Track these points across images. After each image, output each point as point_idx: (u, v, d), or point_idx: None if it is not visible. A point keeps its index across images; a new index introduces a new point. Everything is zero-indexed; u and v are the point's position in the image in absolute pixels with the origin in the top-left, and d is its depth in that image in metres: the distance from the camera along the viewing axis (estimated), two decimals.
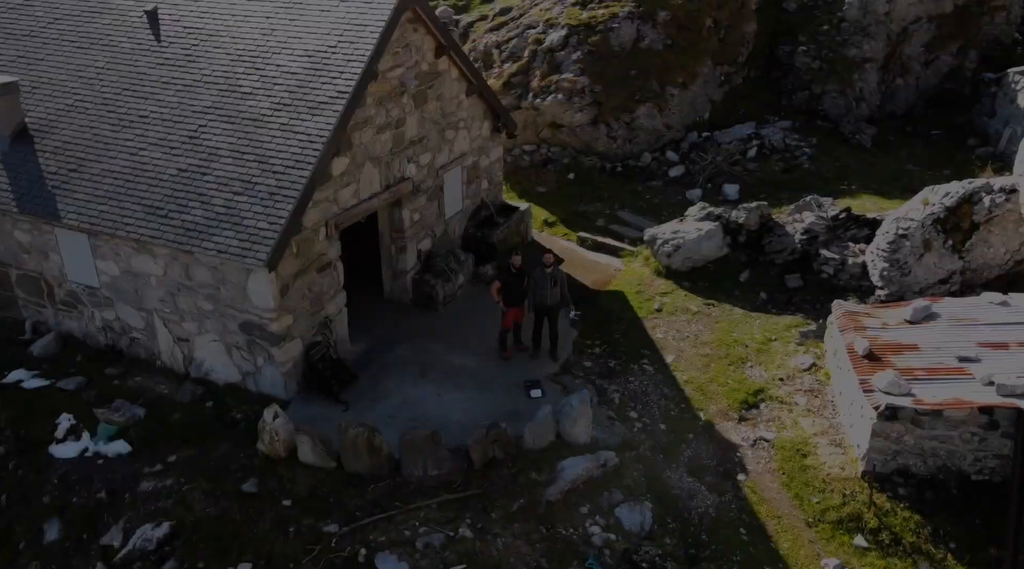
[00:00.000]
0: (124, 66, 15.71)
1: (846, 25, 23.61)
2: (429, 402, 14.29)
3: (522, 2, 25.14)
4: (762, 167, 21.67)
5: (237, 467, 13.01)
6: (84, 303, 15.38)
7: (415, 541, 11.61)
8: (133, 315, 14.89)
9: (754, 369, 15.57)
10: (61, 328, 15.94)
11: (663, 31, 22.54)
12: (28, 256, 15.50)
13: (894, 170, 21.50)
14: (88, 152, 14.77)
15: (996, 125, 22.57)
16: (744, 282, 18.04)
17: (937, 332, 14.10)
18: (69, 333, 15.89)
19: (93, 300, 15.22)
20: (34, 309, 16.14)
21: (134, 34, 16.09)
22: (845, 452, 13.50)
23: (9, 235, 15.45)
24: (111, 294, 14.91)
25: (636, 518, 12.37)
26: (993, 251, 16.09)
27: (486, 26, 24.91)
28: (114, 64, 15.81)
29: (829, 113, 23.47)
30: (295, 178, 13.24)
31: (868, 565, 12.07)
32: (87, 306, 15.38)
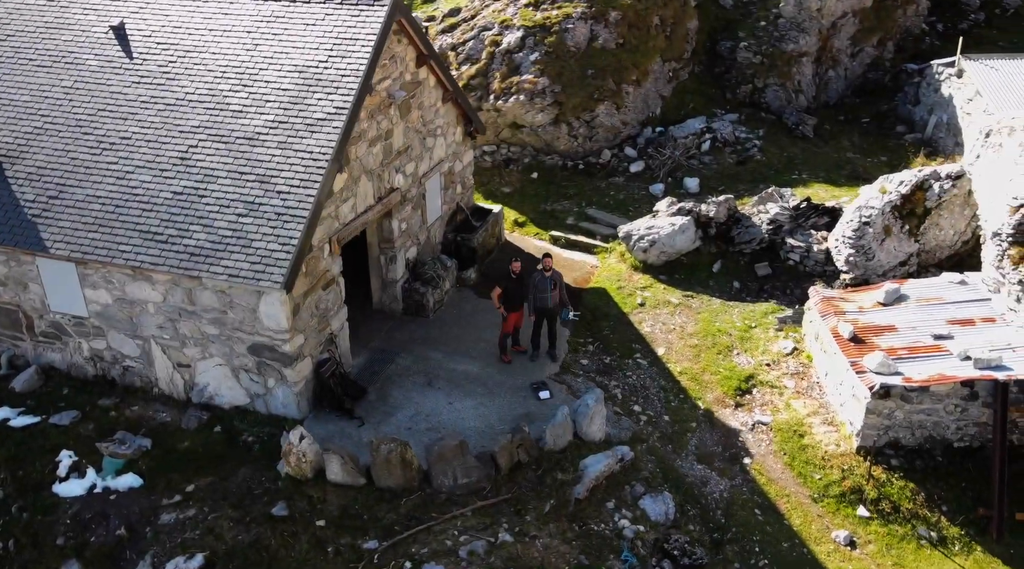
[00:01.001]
0: (95, 85, 15.11)
1: (782, 21, 24.84)
2: (442, 411, 14.49)
3: (471, 2, 25.26)
4: (716, 160, 22.64)
5: (261, 491, 12.92)
6: (69, 334, 14.81)
7: (458, 550, 11.87)
8: (127, 343, 14.45)
9: (741, 356, 16.44)
10: (41, 361, 15.30)
11: (615, 30, 23.15)
12: (3, 288, 14.79)
13: (836, 158, 22.85)
14: (68, 177, 14.20)
15: (921, 112, 24.25)
16: (717, 273, 18.92)
17: (909, 313, 15.28)
18: (50, 365, 15.28)
19: (80, 330, 14.67)
20: (9, 343, 15.42)
21: (101, 51, 15.48)
22: (838, 430, 14.50)
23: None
24: (102, 323, 14.42)
25: (660, 508, 12.99)
26: (944, 233, 17.46)
27: (437, 28, 24.91)
28: (83, 83, 15.18)
29: (771, 105, 24.67)
30: (302, 197, 13.15)
31: (872, 533, 13.10)
32: (73, 337, 14.81)
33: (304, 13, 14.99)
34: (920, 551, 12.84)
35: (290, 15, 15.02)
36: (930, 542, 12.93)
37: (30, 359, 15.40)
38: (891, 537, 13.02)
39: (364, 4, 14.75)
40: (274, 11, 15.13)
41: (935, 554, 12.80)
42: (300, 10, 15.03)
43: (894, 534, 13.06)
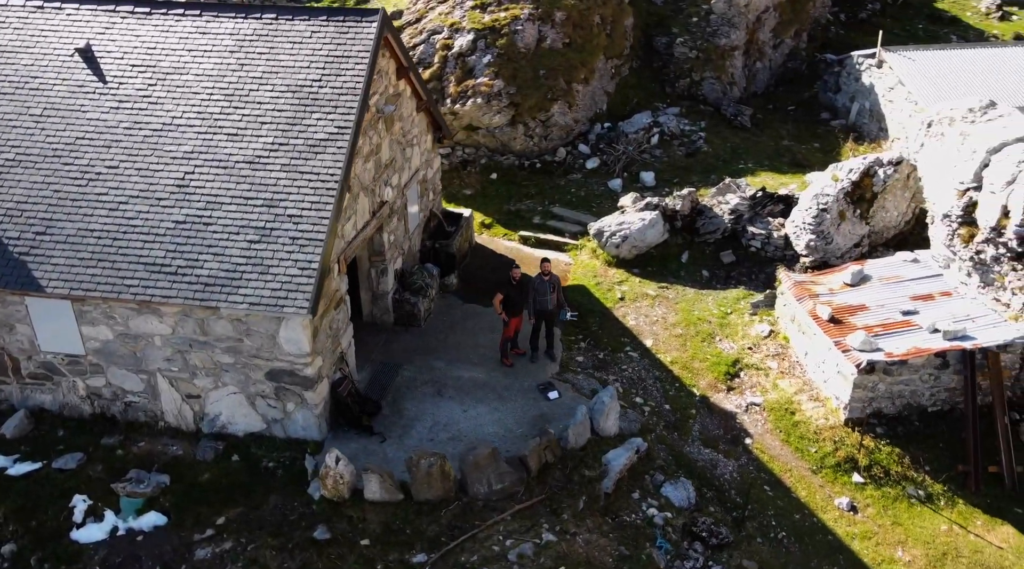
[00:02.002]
0: (68, 111, 14.45)
1: (714, 17, 26.06)
2: (459, 419, 14.79)
3: (413, 5, 25.25)
4: (666, 153, 23.66)
5: (296, 517, 12.92)
6: (62, 373, 14.21)
7: (507, 554, 12.30)
8: (130, 378, 14.01)
9: (724, 342, 17.47)
10: (29, 403, 14.62)
11: (561, 31, 23.72)
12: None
13: (775, 146, 24.32)
14: (53, 211, 13.57)
15: (843, 100, 26.06)
16: (685, 263, 19.92)
17: (875, 292, 16.66)
18: (40, 407, 14.63)
19: (76, 369, 14.10)
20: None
21: (69, 75, 14.78)
22: (824, 405, 15.72)
23: None
24: (101, 360, 13.91)
25: (681, 494, 13.80)
26: (889, 215, 19.01)
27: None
28: (55, 110, 14.48)
29: (708, 97, 25.91)
30: (315, 220, 13.10)
31: (869, 497, 14.36)
32: (67, 376, 14.22)
33: (289, 31, 14.79)
34: (912, 509, 14.19)
35: (274, 33, 14.79)
36: (919, 500, 14.31)
37: (16, 403, 14.67)
38: (885, 499, 14.32)
39: (352, 21, 14.71)
40: (256, 29, 14.86)
41: (925, 510, 14.17)
42: (284, 27, 14.82)
43: (888, 496, 14.37)
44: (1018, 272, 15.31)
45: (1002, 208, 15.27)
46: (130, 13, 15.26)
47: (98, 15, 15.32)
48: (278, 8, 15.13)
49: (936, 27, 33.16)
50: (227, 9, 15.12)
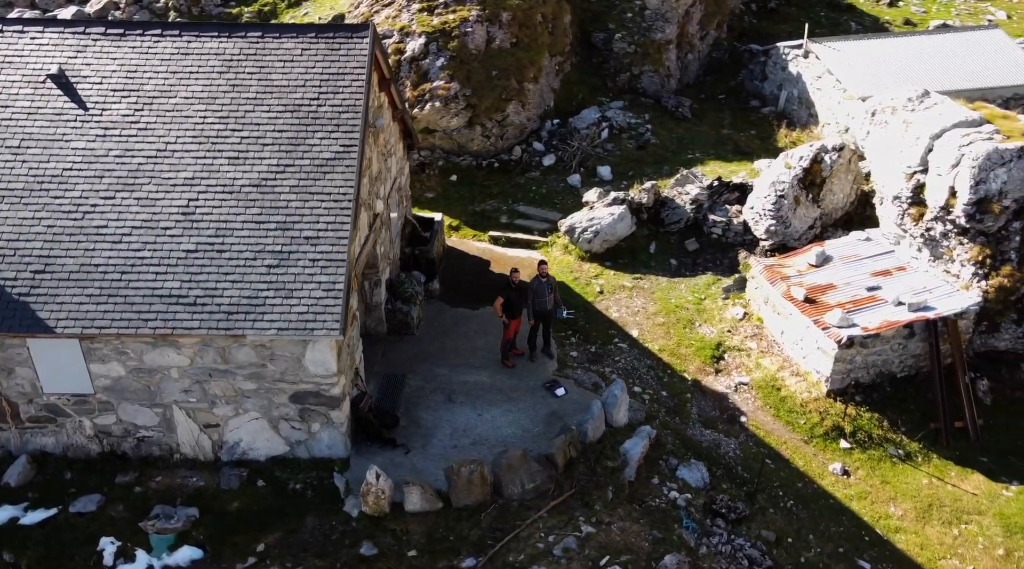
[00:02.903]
0: (50, 142, 13.84)
1: (648, 12, 27.04)
2: (476, 424, 15.16)
3: (354, 8, 25.04)
4: (618, 146, 24.51)
5: (338, 535, 13.05)
6: (67, 414, 13.72)
7: (552, 550, 12.84)
8: (143, 413, 13.67)
9: (704, 327, 18.52)
10: (29, 448, 14.03)
11: (508, 31, 24.11)
12: None
13: (716, 135, 25.58)
14: (50, 248, 13.04)
15: (770, 87, 27.61)
16: (654, 253, 20.86)
17: (839, 271, 18.05)
18: (41, 451, 14.06)
19: (83, 408, 13.64)
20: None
21: (45, 103, 14.13)
22: (805, 379, 16.98)
23: None
24: (111, 397, 13.51)
25: (696, 475, 14.71)
26: (837, 197, 20.53)
27: None
28: (33, 141, 13.84)
29: (648, 90, 26.93)
30: (334, 241, 13.14)
31: (857, 461, 15.70)
32: (72, 417, 13.73)
33: (278, 49, 14.62)
34: (895, 467, 15.63)
35: (263, 52, 14.59)
36: (900, 458, 15.76)
37: (13, 449, 14.05)
38: (872, 461, 15.70)
39: (342, 37, 14.69)
40: (242, 48, 14.61)
41: (906, 468, 15.64)
42: (272, 46, 14.65)
43: (873, 458, 15.75)
44: (965, 246, 16.97)
45: (949, 189, 16.86)
46: (102, 35, 14.69)
47: (66, 38, 14.67)
48: (262, 26, 14.91)
49: (836, 14, 35.34)
50: (208, 28, 14.79)
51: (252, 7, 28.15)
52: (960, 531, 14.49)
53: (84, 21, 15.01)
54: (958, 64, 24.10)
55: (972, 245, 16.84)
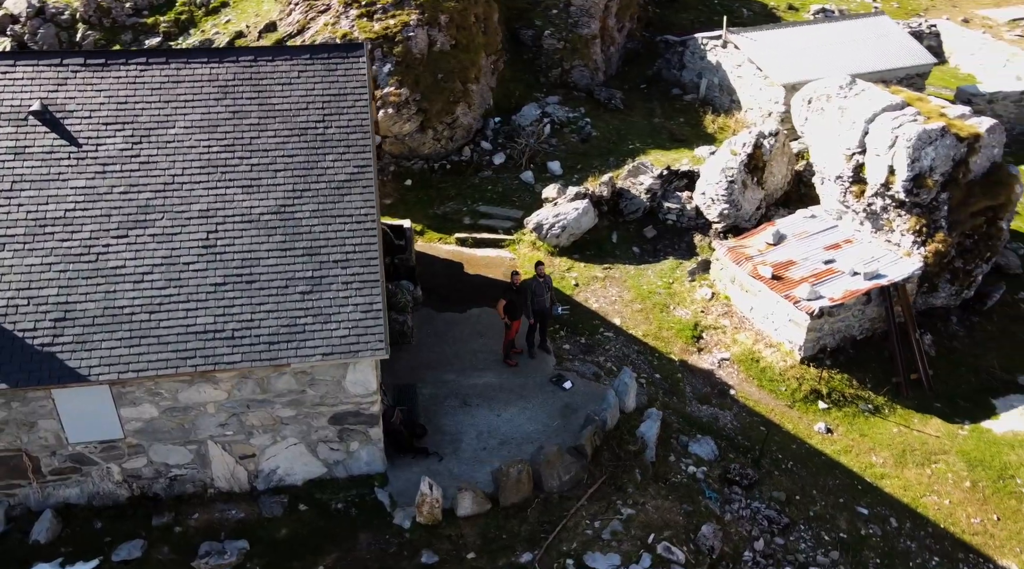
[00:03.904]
0: (44, 182, 13.24)
1: (573, 8, 27.97)
2: (498, 424, 15.74)
3: (287, 16, 24.59)
4: (562, 141, 25.39)
5: (395, 548, 13.39)
6: (94, 462, 13.30)
7: (600, 535, 13.71)
8: (176, 452, 13.44)
9: (679, 310, 19.79)
10: (51, 502, 13.50)
11: (447, 33, 24.41)
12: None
13: (650, 125, 26.90)
14: (67, 293, 12.56)
15: (690, 76, 29.21)
16: (616, 243, 21.95)
17: (795, 247, 19.71)
18: (65, 503, 13.57)
19: (111, 454, 13.26)
20: (1, 494, 13.30)
21: (32, 142, 13.48)
22: (778, 350, 18.55)
23: None
24: (142, 440, 13.21)
25: (706, 449, 15.94)
26: (776, 179, 22.27)
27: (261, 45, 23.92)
28: (26, 182, 13.21)
29: (579, 84, 27.90)
30: (364, 262, 13.34)
31: (835, 419, 17.41)
32: (99, 464, 13.33)
33: (273, 72, 14.52)
34: (868, 421, 17.44)
35: (258, 76, 14.44)
36: (870, 412, 17.60)
37: (33, 505, 13.48)
38: (847, 417, 17.45)
39: (338, 57, 14.76)
40: (236, 74, 14.41)
41: (877, 420, 17.49)
42: (267, 69, 14.52)
43: (848, 414, 17.51)
44: (903, 217, 18.98)
45: (888, 167, 18.77)
46: (82, 66, 14.10)
47: (42, 71, 13.99)
48: (253, 50, 14.72)
49: (729, 2, 37.61)
50: (197, 55, 14.48)
51: (168, 15, 27.02)
52: (932, 470, 16.44)
53: (60, 52, 14.28)
54: (860, 49, 26.43)
55: (909, 216, 18.86)
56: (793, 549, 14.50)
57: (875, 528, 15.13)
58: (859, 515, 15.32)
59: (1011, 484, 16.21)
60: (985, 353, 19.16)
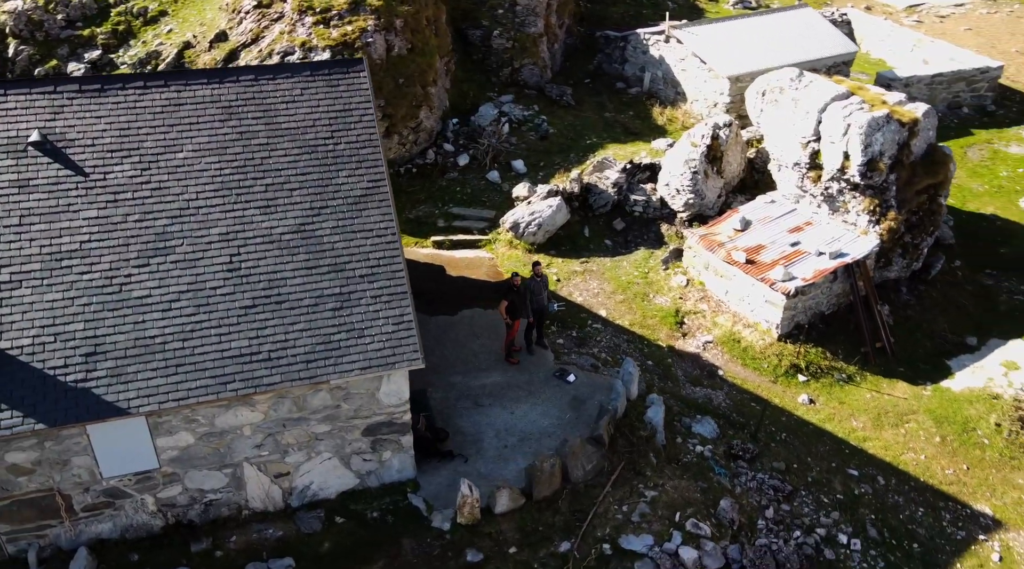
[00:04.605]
0: (55, 214, 12.91)
1: (519, 8, 28.49)
2: (515, 422, 16.27)
3: (236, 24, 24.17)
4: (522, 140, 25.96)
5: (438, 551, 13.80)
6: (128, 494, 13.14)
7: (631, 518, 14.49)
8: (212, 477, 13.42)
9: (659, 298, 20.75)
10: (83, 539, 13.27)
11: (402, 37, 24.56)
12: (28, 478, 12.43)
13: (602, 119, 27.78)
14: (95, 327, 12.35)
15: (632, 70, 30.25)
16: (589, 237, 22.74)
17: (761, 232, 20.96)
18: (97, 539, 13.36)
19: (146, 486, 13.14)
20: (32, 536, 13.00)
21: (36, 173, 13.09)
22: (756, 329, 19.76)
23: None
24: (177, 468, 13.14)
25: (708, 428, 16.94)
26: (733, 167, 23.52)
27: (214, 57, 23.50)
28: (36, 215, 12.85)
29: (529, 82, 28.50)
30: (390, 275, 13.61)
31: (815, 390, 18.75)
32: (133, 496, 13.18)
33: (275, 91, 14.52)
34: (844, 389, 18.86)
35: (261, 95, 14.42)
36: (844, 381, 19.03)
37: (64, 544, 13.21)
38: (825, 387, 18.82)
39: (338, 72, 14.88)
40: (239, 94, 14.35)
41: (851, 387, 18.93)
42: (269, 88, 14.51)
43: (826, 385, 18.89)
44: (858, 199, 20.49)
45: (843, 153, 20.20)
46: (77, 93, 13.76)
47: (36, 100, 13.58)
48: (252, 69, 14.66)
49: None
50: (196, 75, 14.33)
51: (104, 27, 26.06)
52: (906, 430, 17.98)
53: (52, 79, 13.84)
54: (792, 40, 28.03)
55: (864, 198, 20.38)
56: (798, 513, 15.68)
57: (866, 487, 16.50)
58: (851, 477, 16.66)
59: (974, 436, 17.91)
60: (935, 318, 20.94)
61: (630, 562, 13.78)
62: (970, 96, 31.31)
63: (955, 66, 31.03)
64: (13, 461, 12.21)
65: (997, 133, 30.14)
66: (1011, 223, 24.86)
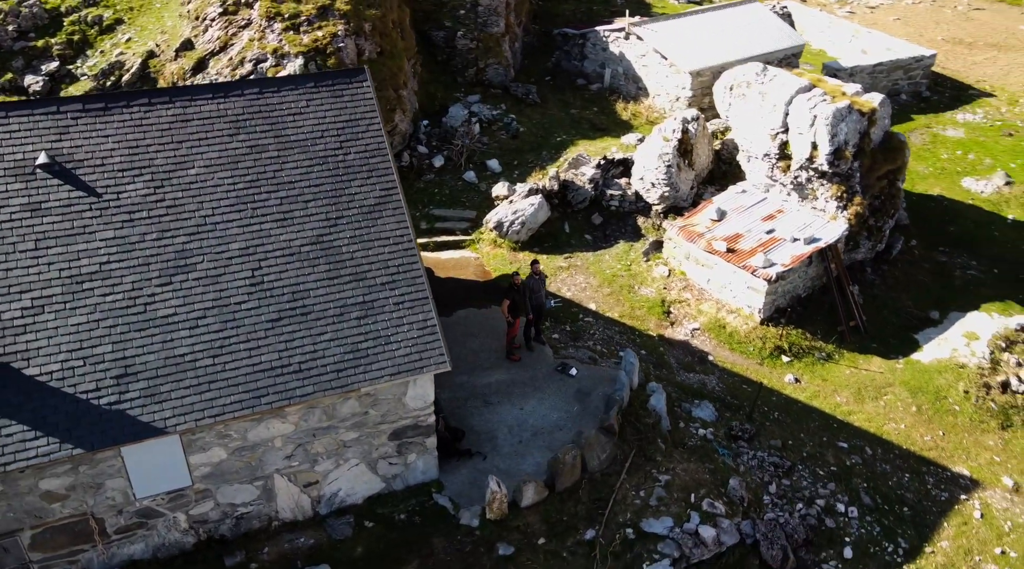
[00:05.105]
0: (70, 236, 12.76)
1: (481, 8, 28.79)
2: (525, 418, 16.72)
3: (201, 33, 23.85)
4: (493, 139, 26.35)
5: (470, 546, 14.20)
6: (160, 513, 13.13)
7: (649, 502, 15.15)
8: (244, 490, 13.51)
9: (644, 289, 21.48)
10: (115, 562, 13.21)
11: (372, 41, 24.62)
12: (61, 504, 12.32)
13: (568, 115, 28.36)
14: (123, 348, 12.29)
15: (591, 67, 30.91)
16: (569, 232, 23.32)
17: (737, 221, 21.89)
18: (130, 561, 13.31)
19: (178, 503, 13.14)
20: (64, 563, 12.87)
21: (47, 196, 12.90)
22: (739, 315, 20.68)
23: (28, 492, 12.00)
24: (210, 484, 13.18)
25: (707, 412, 17.74)
26: (702, 159, 24.42)
27: (181, 66, 23.15)
28: (51, 238, 12.68)
29: (494, 81, 28.87)
30: (410, 281, 13.88)
31: (798, 369, 19.77)
32: (166, 515, 13.17)
33: (281, 103, 14.59)
34: (825, 367, 19.94)
35: (268, 108, 14.47)
36: (824, 360, 20.11)
37: (97, 567, 13.11)
38: (808, 366, 19.86)
39: (342, 83, 15.02)
40: (245, 108, 14.37)
41: (831, 365, 20.02)
42: (275, 101, 14.57)
43: (808, 364, 19.93)
44: (826, 187, 21.59)
45: (811, 143, 21.25)
46: (81, 112, 13.58)
47: (40, 121, 13.36)
48: (257, 82, 14.68)
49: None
50: (201, 91, 14.29)
51: (59, 37, 25.33)
52: (884, 402, 19.14)
53: (54, 99, 13.60)
54: (746, 35, 29.11)
55: (831, 185, 21.49)
56: (798, 487, 16.62)
57: (856, 458, 17.56)
58: (841, 449, 17.70)
59: (945, 403, 19.19)
60: (899, 296, 22.25)
61: (653, 544, 14.44)
62: (907, 83, 33.05)
63: (893, 55, 32.71)
64: (47, 488, 12.09)
65: (934, 118, 31.94)
66: (956, 202, 26.49)
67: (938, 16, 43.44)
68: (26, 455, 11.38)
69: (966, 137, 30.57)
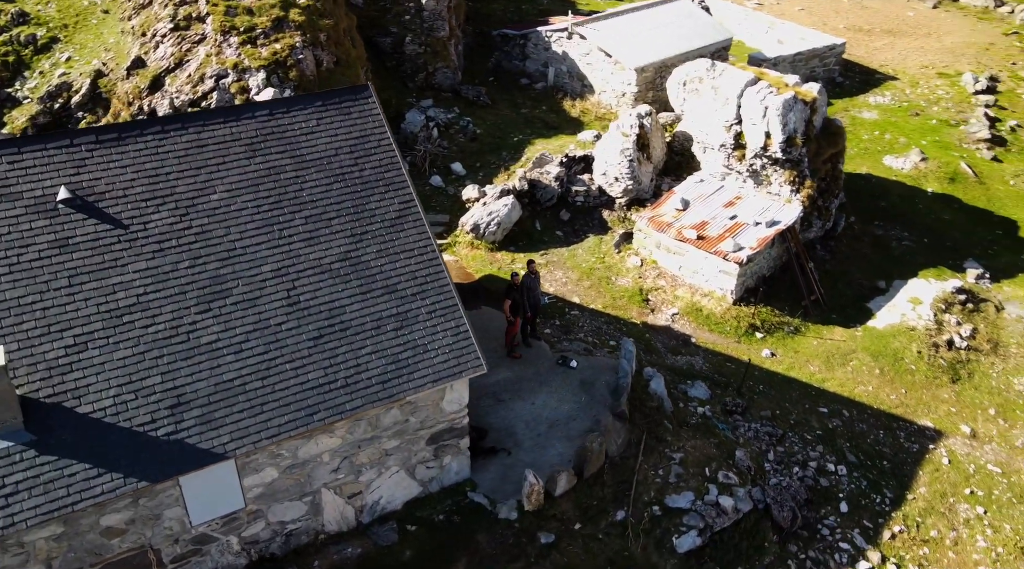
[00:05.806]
0: (103, 271, 12.63)
1: (426, 13, 29.11)
2: (538, 411, 17.46)
3: (151, 51, 23.32)
4: (452, 142, 26.82)
5: (513, 539, 14.88)
6: (214, 538, 13.23)
7: (669, 479, 16.19)
8: (293, 508, 13.74)
9: (621, 280, 22.54)
10: None
11: (327, 50, 24.67)
12: (121, 539, 12.30)
13: (520, 115, 29.10)
14: (173, 378, 12.34)
15: (534, 66, 31.73)
16: (540, 230, 24.13)
17: (700, 210, 23.22)
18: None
19: (230, 527, 13.27)
20: None
21: (74, 231, 12.72)
22: (712, 297, 22.01)
23: (89, 530, 11.93)
24: (261, 505, 13.36)
25: (701, 390, 18.94)
26: (658, 152, 25.66)
27: (135, 85, 22.60)
28: (84, 274, 12.52)
29: (443, 86, 29.30)
30: (438, 290, 14.37)
31: (771, 344, 21.27)
32: (219, 539, 13.28)
33: (292, 124, 14.75)
34: (795, 340, 21.52)
35: (280, 130, 14.61)
36: (793, 333, 21.70)
37: None
38: (780, 340, 21.40)
39: (348, 100, 15.29)
40: (258, 130, 14.47)
41: (800, 338, 21.63)
42: (286, 122, 14.72)
43: (779, 338, 21.47)
44: (779, 173, 23.17)
45: (764, 133, 22.76)
46: (96, 144, 13.41)
47: (54, 155, 13.12)
48: (266, 104, 14.77)
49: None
50: (212, 116, 14.30)
51: None
52: (851, 367, 20.87)
53: (67, 132, 13.31)
54: (680, 31, 30.56)
55: (784, 171, 23.09)
56: (792, 452, 18.04)
57: (836, 421, 19.15)
58: (822, 414, 19.25)
59: (903, 364, 21.08)
60: (848, 269, 24.14)
61: (679, 518, 15.49)
62: (823, 70, 35.38)
63: (808, 44, 34.94)
64: (107, 524, 12.03)
65: (850, 101, 34.38)
66: (883, 179, 28.78)
67: (837, 6, 46.40)
68: (92, 493, 11.33)
69: (880, 118, 33.08)
